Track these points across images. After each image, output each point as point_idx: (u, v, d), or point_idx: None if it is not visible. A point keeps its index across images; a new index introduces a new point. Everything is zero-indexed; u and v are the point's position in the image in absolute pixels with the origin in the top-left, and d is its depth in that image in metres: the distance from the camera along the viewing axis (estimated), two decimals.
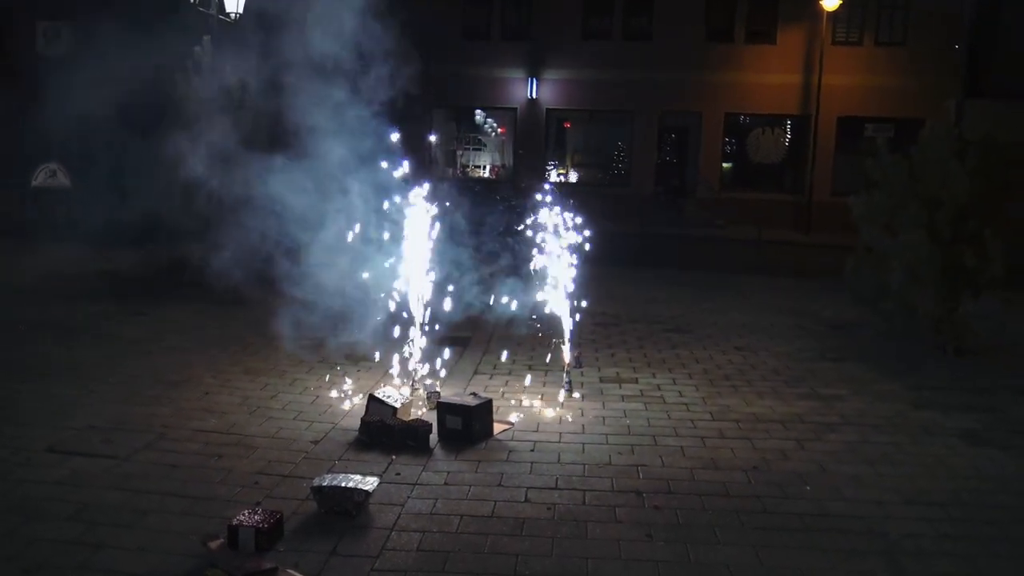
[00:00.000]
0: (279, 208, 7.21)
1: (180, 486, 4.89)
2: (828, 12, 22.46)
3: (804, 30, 23.42)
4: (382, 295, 6.75)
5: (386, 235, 6.66)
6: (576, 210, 7.00)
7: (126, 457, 5.28)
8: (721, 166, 24.94)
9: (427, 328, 6.85)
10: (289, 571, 3.97)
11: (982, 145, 8.61)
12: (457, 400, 5.95)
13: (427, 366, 6.97)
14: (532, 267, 6.97)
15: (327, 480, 4.63)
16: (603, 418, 6.38)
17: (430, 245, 6.67)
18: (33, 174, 14.97)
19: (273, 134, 7.83)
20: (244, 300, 8.54)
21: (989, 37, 20.96)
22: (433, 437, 5.74)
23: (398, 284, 6.66)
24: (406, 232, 6.59)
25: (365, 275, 6.70)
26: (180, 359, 7.59)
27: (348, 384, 6.94)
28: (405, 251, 6.61)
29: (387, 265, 6.65)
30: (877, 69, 23.23)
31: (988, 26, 20.83)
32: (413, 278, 6.64)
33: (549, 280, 6.88)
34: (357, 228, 6.72)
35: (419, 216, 6.60)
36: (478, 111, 25.59)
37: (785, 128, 24.79)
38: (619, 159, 25.68)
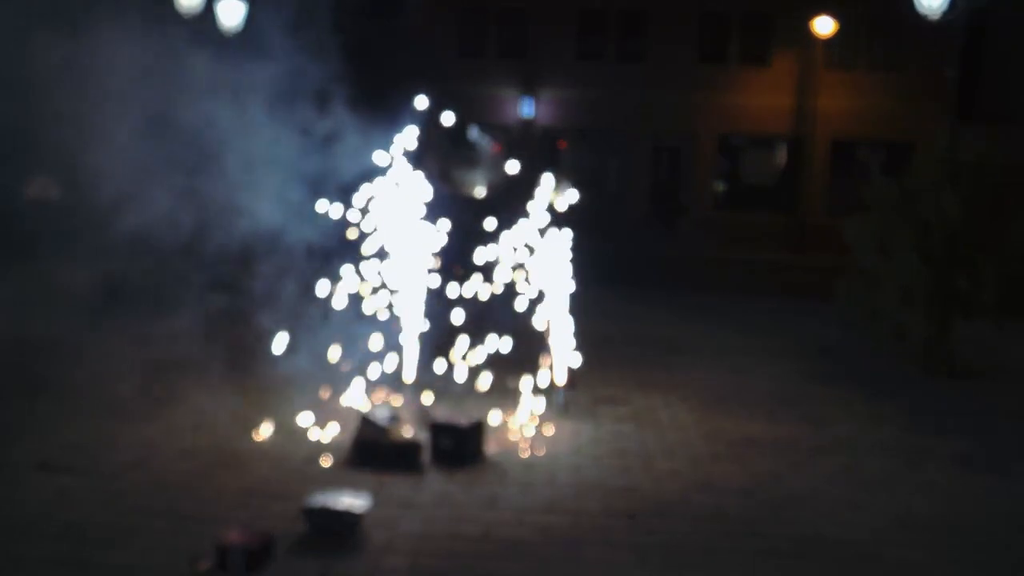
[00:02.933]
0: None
1: (169, 505, 4.84)
2: (822, 37, 22.67)
3: (798, 54, 23.60)
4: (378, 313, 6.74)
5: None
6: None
7: (114, 475, 5.23)
8: (715, 187, 25.07)
9: (421, 347, 6.82)
10: None
11: (974, 168, 8.66)
12: (450, 420, 5.91)
13: (420, 386, 6.94)
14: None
15: (318, 501, 4.59)
16: (597, 439, 6.35)
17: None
18: (26, 186, 14.88)
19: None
20: (233, 316, 8.49)
21: (980, 62, 21.23)
22: (425, 457, 5.70)
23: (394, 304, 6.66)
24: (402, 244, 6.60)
25: (361, 290, 6.70)
26: (170, 376, 7.52)
27: (340, 403, 6.89)
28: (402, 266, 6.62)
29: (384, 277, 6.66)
30: (870, 93, 23.42)
31: (979, 51, 21.09)
32: (410, 297, 6.65)
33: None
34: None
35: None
36: (472, 128, 25.66)
37: (779, 150, 24.96)
38: (612, 179, 25.79)
